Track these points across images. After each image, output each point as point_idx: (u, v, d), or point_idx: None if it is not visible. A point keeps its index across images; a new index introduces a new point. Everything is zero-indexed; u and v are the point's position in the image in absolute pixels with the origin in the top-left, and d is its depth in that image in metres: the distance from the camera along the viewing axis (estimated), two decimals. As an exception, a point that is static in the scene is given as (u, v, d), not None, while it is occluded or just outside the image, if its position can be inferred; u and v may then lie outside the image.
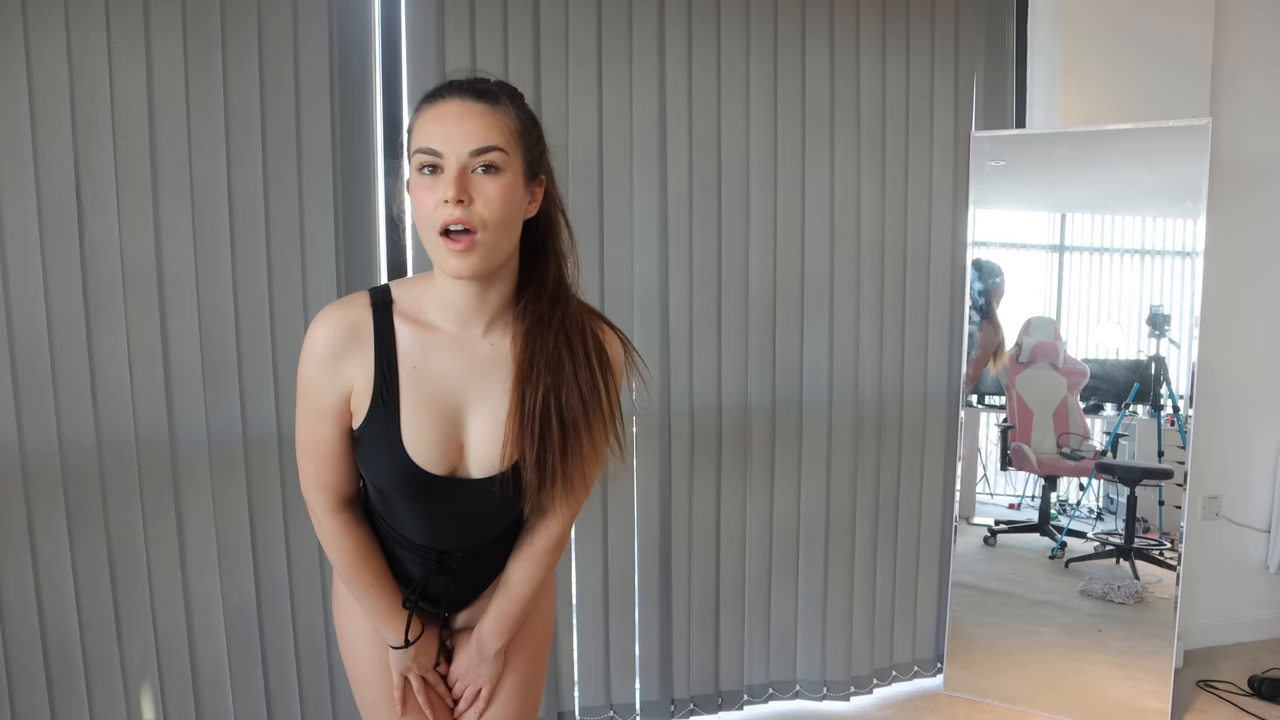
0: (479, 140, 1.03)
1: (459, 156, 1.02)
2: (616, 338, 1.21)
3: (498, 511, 1.22)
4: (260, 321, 2.03)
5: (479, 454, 1.14)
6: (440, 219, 1.02)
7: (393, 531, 1.24)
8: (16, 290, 1.85)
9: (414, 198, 1.05)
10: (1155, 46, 2.70)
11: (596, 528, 2.35)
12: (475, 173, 1.03)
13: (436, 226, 1.03)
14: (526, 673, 1.34)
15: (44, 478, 1.89)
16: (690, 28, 2.34)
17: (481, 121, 1.03)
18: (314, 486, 1.19)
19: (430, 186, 1.03)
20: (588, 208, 2.27)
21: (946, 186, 2.62)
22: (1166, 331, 2.53)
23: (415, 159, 1.04)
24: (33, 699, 1.92)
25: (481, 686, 1.31)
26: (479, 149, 1.03)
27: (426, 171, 1.04)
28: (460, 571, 1.27)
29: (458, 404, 1.13)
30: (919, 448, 2.67)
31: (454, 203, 1.01)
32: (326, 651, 2.15)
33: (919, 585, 2.72)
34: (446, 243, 1.03)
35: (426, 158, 1.03)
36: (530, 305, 1.13)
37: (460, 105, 1.04)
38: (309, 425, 1.15)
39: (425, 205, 1.03)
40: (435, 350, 1.13)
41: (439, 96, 1.06)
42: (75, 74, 1.85)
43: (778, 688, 2.59)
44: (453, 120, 1.03)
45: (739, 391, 2.47)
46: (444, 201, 1.02)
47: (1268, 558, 3.04)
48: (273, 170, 2.02)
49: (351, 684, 1.35)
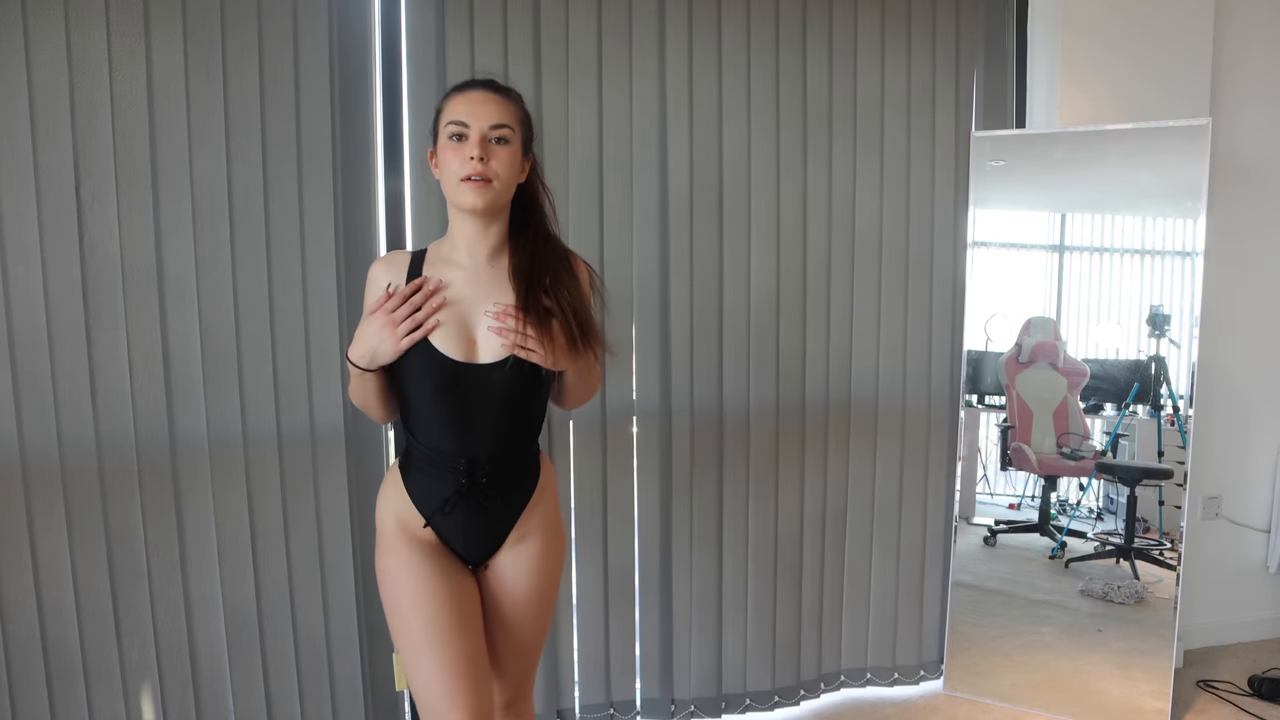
0: (496, 118, 1.43)
1: (480, 129, 1.42)
2: (584, 265, 1.58)
3: (514, 401, 1.49)
4: (260, 321, 2.03)
5: (485, 344, 1.47)
6: (466, 170, 1.41)
7: (430, 451, 1.49)
8: (16, 290, 1.85)
9: (443, 158, 1.44)
10: (1155, 46, 2.70)
11: (597, 527, 2.35)
12: (491, 142, 1.42)
13: (461, 175, 1.41)
14: (546, 559, 1.59)
15: (44, 478, 1.89)
16: (690, 28, 2.34)
17: (498, 106, 1.44)
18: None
19: (458, 149, 1.42)
20: (588, 207, 2.28)
21: (946, 186, 2.62)
22: (1166, 331, 2.53)
23: (447, 129, 1.43)
24: (33, 699, 1.92)
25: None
26: (495, 124, 1.43)
27: (455, 139, 1.42)
28: (489, 488, 1.49)
29: (467, 310, 1.48)
30: (919, 447, 2.67)
31: (477, 159, 1.40)
32: (326, 651, 2.15)
33: (919, 585, 2.72)
34: (467, 184, 1.41)
35: (457, 128, 1.42)
36: (522, 239, 1.52)
37: (483, 93, 1.44)
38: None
39: (453, 162, 1.42)
40: (451, 271, 1.50)
41: (467, 87, 1.46)
42: (75, 74, 1.85)
43: (782, 693, 2.58)
44: (478, 103, 1.43)
45: (739, 391, 2.47)
46: (470, 158, 1.41)
47: (1268, 558, 3.04)
48: (273, 170, 2.02)
49: (391, 621, 1.50)
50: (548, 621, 1.64)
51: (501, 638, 1.58)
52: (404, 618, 1.47)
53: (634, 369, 2.37)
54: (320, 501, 2.11)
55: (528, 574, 1.56)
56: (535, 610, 1.59)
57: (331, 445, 2.11)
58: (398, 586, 1.48)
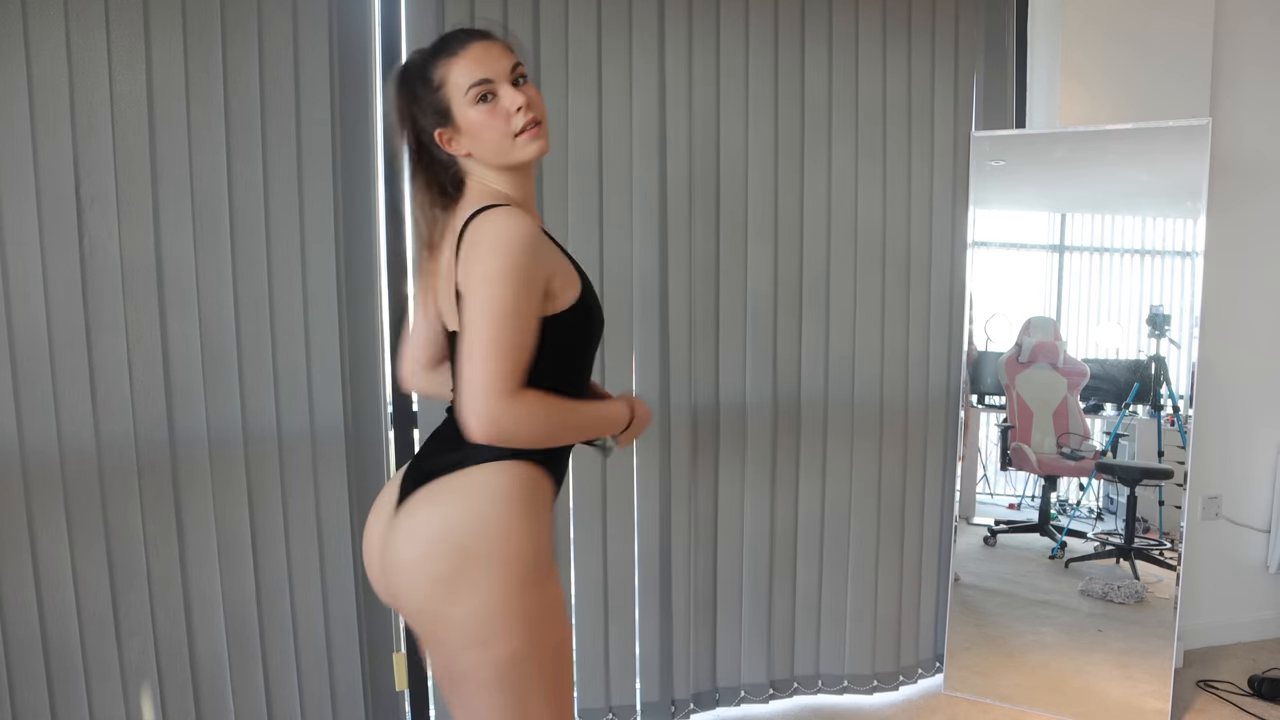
0: (510, 60, 1.32)
1: (503, 77, 1.30)
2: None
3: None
4: (260, 321, 2.03)
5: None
6: (519, 123, 1.30)
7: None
8: (16, 290, 1.85)
9: (480, 124, 1.29)
10: (1155, 46, 2.70)
11: (596, 527, 2.35)
12: (516, 85, 1.31)
13: (517, 129, 1.30)
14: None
15: (44, 478, 1.89)
16: (690, 27, 2.34)
17: (502, 49, 1.32)
18: (511, 377, 1.21)
19: (494, 109, 1.29)
20: (588, 205, 2.27)
21: (946, 186, 2.62)
22: (1166, 331, 2.53)
23: (470, 95, 1.28)
24: (33, 699, 1.92)
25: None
26: (514, 65, 1.32)
27: (484, 100, 1.29)
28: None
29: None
30: (919, 447, 2.67)
31: (526, 108, 1.29)
32: (326, 651, 2.15)
33: (919, 585, 2.72)
34: (524, 136, 1.30)
35: (482, 88, 1.29)
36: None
37: (481, 44, 1.31)
38: (522, 312, 1.23)
39: (497, 124, 1.29)
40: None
41: (460, 45, 1.31)
42: (75, 74, 1.85)
43: (777, 686, 2.59)
44: (484, 54, 1.30)
45: (738, 390, 2.47)
46: (517, 110, 1.29)
47: (1268, 558, 3.03)
48: (273, 170, 2.02)
49: (541, 662, 1.29)
50: None
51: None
52: (565, 649, 1.33)
53: (633, 367, 2.37)
54: (320, 501, 2.11)
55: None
56: None
57: (331, 445, 2.11)
58: (562, 614, 1.30)
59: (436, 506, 1.27)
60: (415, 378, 1.56)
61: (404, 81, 1.34)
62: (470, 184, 1.35)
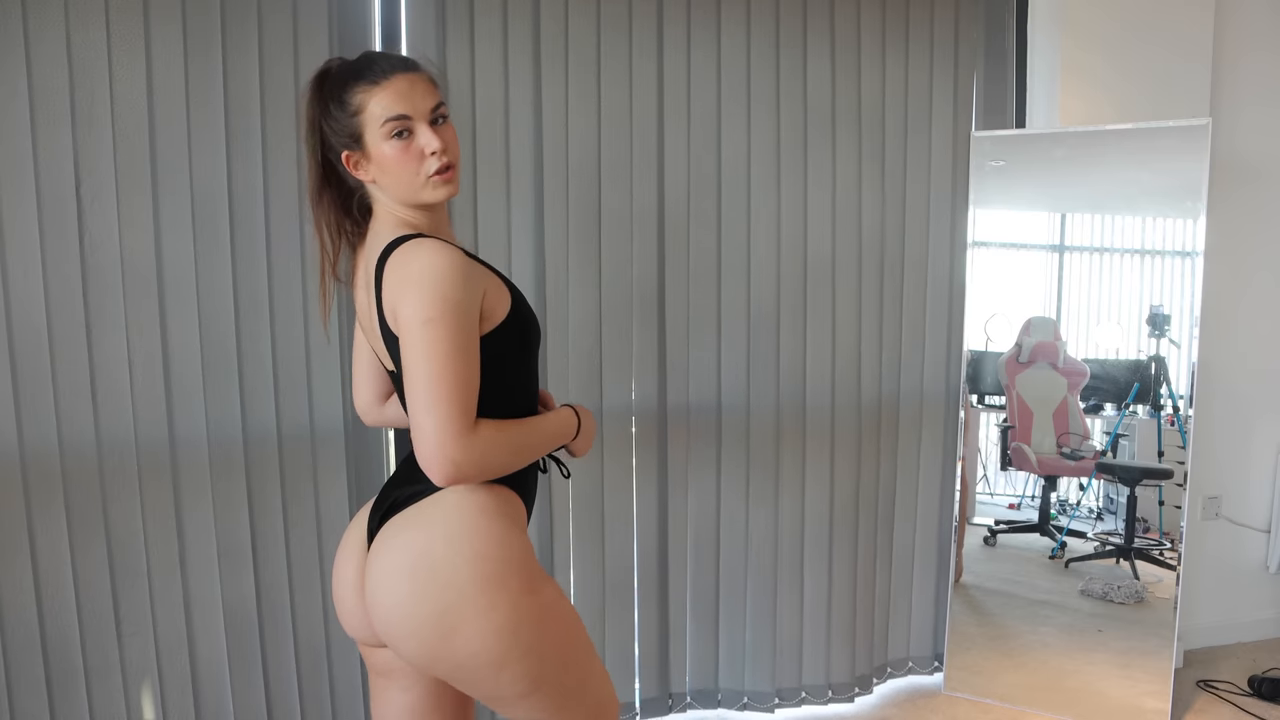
0: (434, 98, 1.28)
1: (422, 116, 1.26)
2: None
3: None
4: (260, 321, 2.03)
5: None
6: (432, 167, 1.26)
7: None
8: (16, 290, 1.85)
9: (391, 160, 1.26)
10: (1155, 46, 2.70)
11: (595, 527, 2.35)
12: (435, 124, 1.28)
13: (429, 173, 1.27)
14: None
15: (44, 478, 1.89)
16: (690, 27, 2.34)
17: (426, 85, 1.28)
18: (464, 416, 1.19)
19: (407, 148, 1.26)
20: (587, 205, 2.27)
21: (946, 186, 2.62)
22: (1166, 331, 2.53)
23: (387, 126, 1.24)
24: (33, 699, 1.92)
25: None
26: (435, 105, 1.28)
27: (399, 136, 1.25)
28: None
29: None
30: (919, 447, 2.67)
31: (440, 152, 1.26)
32: (326, 651, 2.15)
33: (919, 585, 2.72)
34: (437, 179, 1.27)
35: (398, 123, 1.24)
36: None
37: (406, 77, 1.26)
38: (464, 347, 1.20)
39: (409, 164, 1.26)
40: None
41: (383, 74, 1.25)
42: (75, 74, 1.85)
43: (782, 694, 2.58)
44: (407, 89, 1.25)
45: (737, 390, 2.47)
46: (430, 154, 1.26)
47: (1268, 558, 3.03)
48: (273, 170, 2.02)
49: (568, 648, 1.30)
50: None
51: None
52: (580, 634, 1.34)
53: (633, 368, 2.37)
54: (320, 501, 2.11)
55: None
56: None
57: (331, 445, 2.11)
58: (565, 606, 1.32)
59: (405, 537, 1.25)
60: (370, 412, 1.56)
61: (319, 94, 1.30)
62: (379, 211, 1.33)
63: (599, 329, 2.31)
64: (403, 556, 1.23)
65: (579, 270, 2.27)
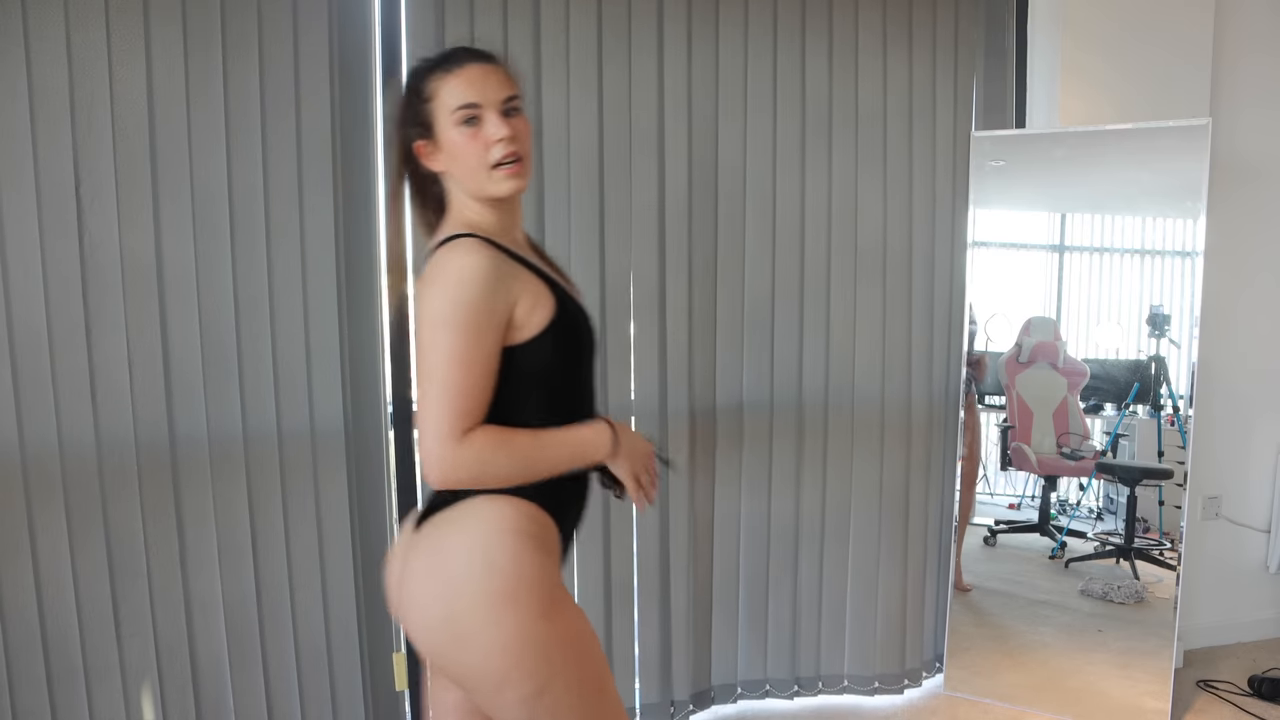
0: (508, 90, 1.28)
1: (495, 104, 1.26)
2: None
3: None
4: (260, 321, 2.03)
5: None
6: (497, 154, 1.26)
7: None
8: (16, 290, 1.85)
9: (457, 149, 1.27)
10: (1155, 46, 2.70)
11: (596, 529, 2.35)
12: (506, 115, 1.27)
13: (493, 161, 1.26)
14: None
15: (44, 478, 1.89)
16: (690, 27, 2.34)
17: (501, 76, 1.29)
18: (458, 421, 1.19)
19: (475, 135, 1.26)
20: (587, 206, 2.27)
21: (946, 186, 2.62)
22: (1166, 331, 2.53)
23: (454, 115, 1.26)
24: (33, 699, 1.92)
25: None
26: (509, 96, 1.28)
27: (468, 124, 1.26)
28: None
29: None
30: (919, 448, 2.67)
31: (507, 140, 1.25)
32: (326, 651, 2.15)
33: (919, 585, 2.71)
34: (501, 171, 1.26)
35: (468, 111, 1.25)
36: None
37: (479, 67, 1.28)
38: (471, 354, 1.20)
39: (474, 150, 1.26)
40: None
41: (457, 63, 1.27)
42: (75, 74, 1.85)
43: (775, 685, 2.59)
44: (481, 78, 1.27)
45: (737, 391, 2.47)
46: (498, 140, 1.25)
47: (1268, 558, 3.03)
48: (273, 170, 2.02)
49: (570, 696, 1.23)
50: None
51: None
52: (595, 671, 1.27)
53: (632, 369, 2.37)
54: (320, 501, 2.11)
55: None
56: None
57: (331, 445, 2.11)
58: (583, 638, 1.26)
59: (432, 539, 1.26)
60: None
61: (405, 88, 1.33)
62: (451, 207, 1.34)
63: (600, 329, 2.31)
64: (426, 557, 1.25)
65: (581, 270, 2.27)
